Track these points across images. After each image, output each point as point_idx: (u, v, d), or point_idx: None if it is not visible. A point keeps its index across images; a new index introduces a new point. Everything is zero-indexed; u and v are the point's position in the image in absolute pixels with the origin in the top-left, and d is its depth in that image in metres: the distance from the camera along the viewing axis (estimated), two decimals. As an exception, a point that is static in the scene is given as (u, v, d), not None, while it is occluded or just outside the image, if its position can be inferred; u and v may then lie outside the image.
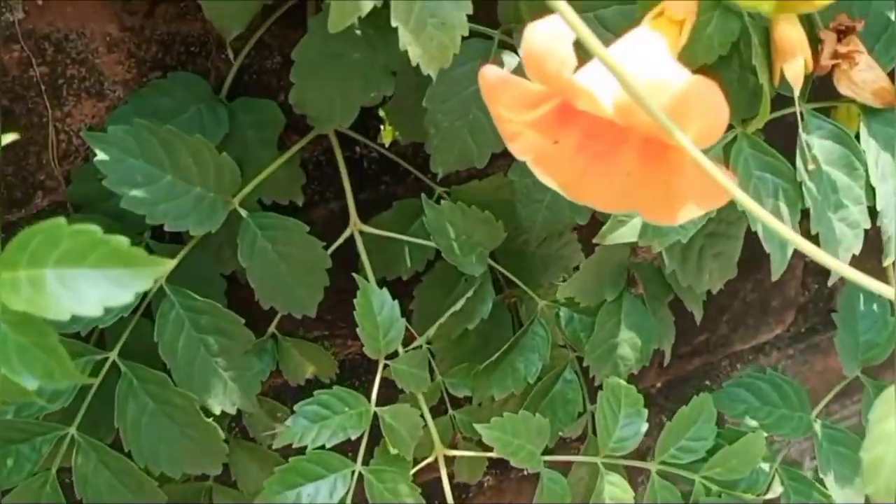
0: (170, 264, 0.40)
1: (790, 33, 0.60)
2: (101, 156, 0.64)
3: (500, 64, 0.70)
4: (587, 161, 0.52)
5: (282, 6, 0.76)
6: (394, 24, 0.57)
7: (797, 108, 0.62)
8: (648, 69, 0.45)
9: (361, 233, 0.80)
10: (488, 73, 0.51)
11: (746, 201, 0.44)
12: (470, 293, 0.77)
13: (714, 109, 0.45)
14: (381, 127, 0.82)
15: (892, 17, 0.67)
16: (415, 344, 0.79)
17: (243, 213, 0.71)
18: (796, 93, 0.60)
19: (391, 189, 0.92)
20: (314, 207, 0.89)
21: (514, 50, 0.70)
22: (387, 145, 0.83)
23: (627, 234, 0.63)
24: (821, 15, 0.64)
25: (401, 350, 0.77)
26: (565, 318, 0.81)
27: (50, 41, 0.71)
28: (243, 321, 0.71)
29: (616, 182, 0.52)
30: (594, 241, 0.66)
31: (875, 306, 0.82)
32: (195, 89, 0.74)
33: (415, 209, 0.83)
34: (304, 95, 0.71)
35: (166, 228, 0.67)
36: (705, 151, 0.42)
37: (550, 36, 0.46)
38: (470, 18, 0.72)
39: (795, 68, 0.59)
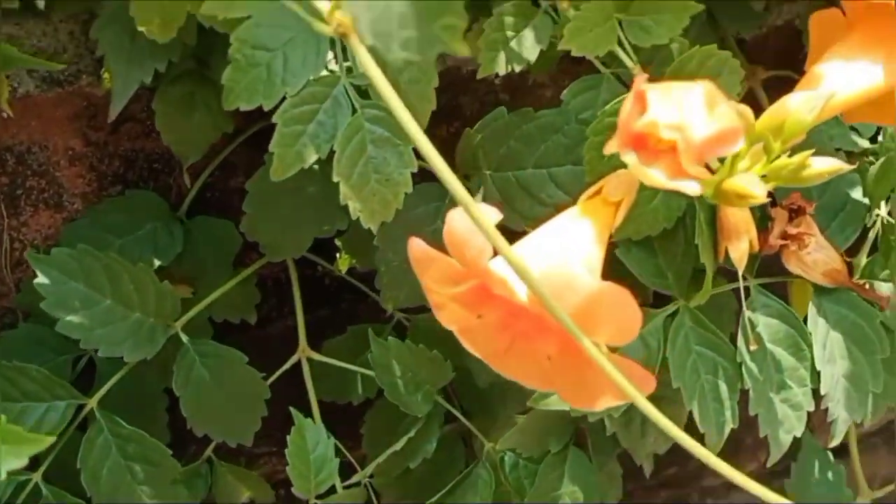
0: (47, 440, 0.39)
1: (735, 213, 0.59)
2: (41, 278, 0.64)
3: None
4: (510, 339, 0.52)
5: (249, 129, 0.76)
6: (335, 179, 0.57)
7: (741, 286, 0.61)
8: (562, 267, 0.44)
9: (310, 359, 0.79)
10: (415, 246, 0.51)
11: (647, 408, 0.43)
12: (412, 433, 0.76)
13: (624, 316, 0.44)
14: (338, 254, 0.82)
15: (850, 195, 0.67)
16: (352, 480, 0.78)
17: (184, 338, 0.71)
18: (740, 273, 0.59)
19: (352, 307, 0.91)
20: (272, 324, 0.88)
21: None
22: (343, 272, 0.83)
23: (556, 402, 0.61)
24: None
25: (339, 486, 0.76)
26: (510, 463, 0.79)
27: (12, 153, 0.71)
28: (170, 452, 0.69)
29: (537, 363, 0.51)
30: (528, 403, 0.65)
31: (830, 475, 0.80)
32: (152, 207, 0.74)
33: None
34: (255, 225, 0.71)
35: (100, 354, 0.66)
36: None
37: (469, 223, 0.46)
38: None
39: (740, 248, 0.59)
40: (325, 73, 0.57)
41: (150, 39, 0.61)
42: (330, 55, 0.58)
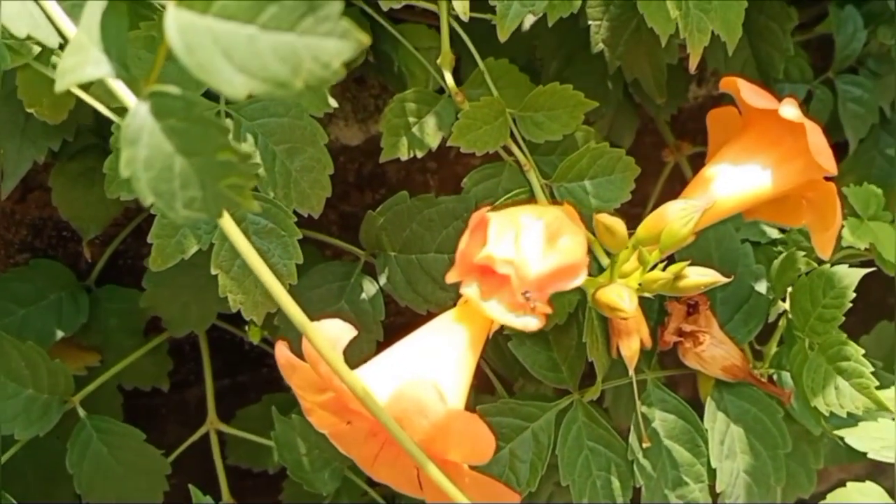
0: None
1: (625, 313, 0.58)
2: (-72, 353, 0.63)
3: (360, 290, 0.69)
4: (379, 446, 0.51)
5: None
6: (214, 272, 0.56)
7: (633, 381, 0.60)
8: (414, 391, 0.43)
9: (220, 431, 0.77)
10: (279, 353, 0.50)
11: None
12: (319, 510, 0.74)
13: (475, 441, 0.43)
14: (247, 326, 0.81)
15: (755, 289, 0.66)
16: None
17: (81, 412, 0.69)
18: (630, 371, 0.58)
19: (274, 373, 0.90)
20: (188, 388, 0.87)
21: (374, 275, 0.69)
22: (256, 342, 0.82)
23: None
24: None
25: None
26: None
27: (-87, 220, 0.70)
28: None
29: (405, 471, 0.51)
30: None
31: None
32: (57, 277, 0.74)
33: (285, 404, 0.81)
34: (156, 301, 0.70)
35: (-12, 433, 0.65)
36: None
37: (327, 335, 0.45)
38: (350, 234, 0.72)
39: (630, 347, 0.58)
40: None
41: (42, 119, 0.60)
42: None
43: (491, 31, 0.60)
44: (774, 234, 0.69)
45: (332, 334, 0.44)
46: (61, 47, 0.39)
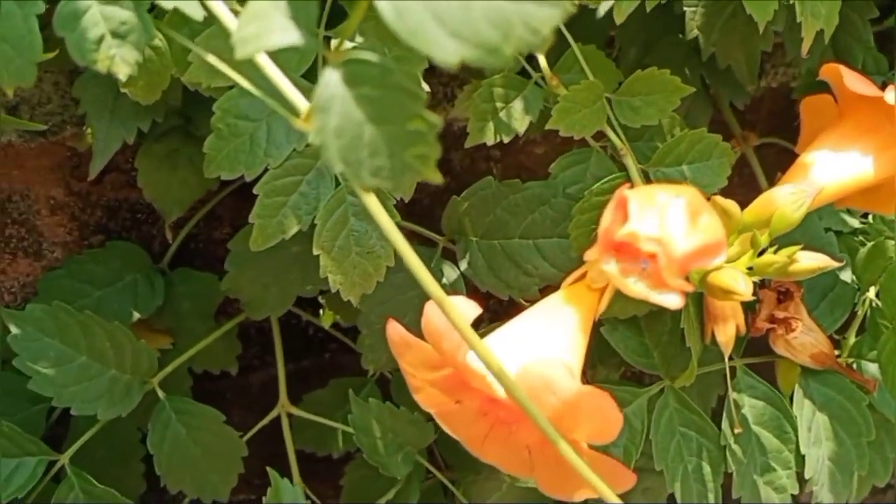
0: None
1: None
2: (14, 331, 0.63)
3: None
4: (489, 425, 0.51)
5: (235, 181, 0.75)
6: (315, 252, 0.56)
7: (727, 367, 0.60)
8: (542, 367, 0.43)
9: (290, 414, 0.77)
10: (392, 330, 0.50)
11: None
12: (391, 495, 0.74)
13: (604, 420, 0.43)
14: (321, 309, 0.81)
15: (840, 278, 0.66)
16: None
17: (161, 394, 0.69)
18: (726, 357, 0.58)
19: (336, 358, 0.90)
20: (254, 372, 0.87)
21: (454, 260, 0.69)
22: (327, 328, 0.82)
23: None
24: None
25: (316, 544, 0.75)
26: (489, 526, 0.78)
27: (-7, 201, 0.70)
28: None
29: (516, 452, 0.51)
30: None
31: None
32: (132, 259, 0.74)
33: (354, 388, 0.81)
34: (237, 284, 0.70)
35: (73, 412, 0.65)
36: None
37: (444, 320, 0.45)
38: (415, 221, 0.72)
39: (727, 333, 0.58)
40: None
41: (133, 99, 0.60)
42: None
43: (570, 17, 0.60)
44: (855, 223, 0.69)
45: (462, 310, 0.44)
46: (205, 21, 0.39)
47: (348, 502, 0.84)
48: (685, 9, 0.62)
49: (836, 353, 0.67)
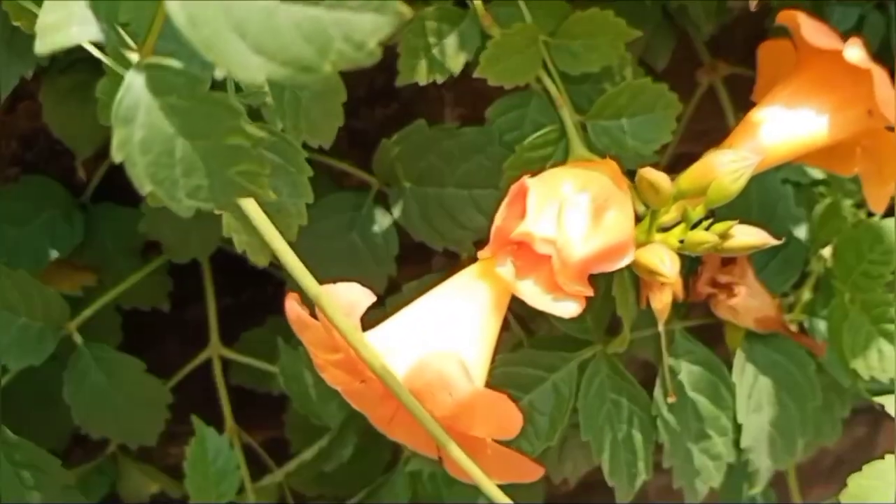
0: None
1: (659, 263, 0.54)
2: (-87, 283, 0.60)
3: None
4: (394, 408, 0.48)
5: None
6: (217, 210, 0.52)
7: (661, 331, 0.56)
8: (438, 364, 0.39)
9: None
10: (290, 308, 0.46)
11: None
12: (325, 441, 0.72)
13: (501, 419, 0.40)
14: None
15: (794, 234, 0.62)
16: (264, 482, 0.75)
17: (79, 340, 0.66)
18: (660, 325, 0.55)
19: (279, 291, 0.87)
20: (188, 307, 0.84)
21: (387, 207, 0.65)
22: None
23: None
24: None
25: (249, 485, 0.73)
26: (428, 471, 0.76)
27: None
28: (59, 461, 0.66)
29: (422, 434, 0.47)
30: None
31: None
32: (50, 194, 0.69)
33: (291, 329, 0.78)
34: (156, 227, 0.66)
35: (-20, 364, 0.62)
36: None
37: (342, 301, 0.41)
38: (359, 155, 0.67)
39: (662, 300, 0.54)
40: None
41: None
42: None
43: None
44: (818, 174, 0.64)
45: (349, 300, 0.40)
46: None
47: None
48: (635, -60, 0.56)
49: (790, 309, 0.64)
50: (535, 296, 0.38)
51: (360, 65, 0.23)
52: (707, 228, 0.47)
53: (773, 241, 0.47)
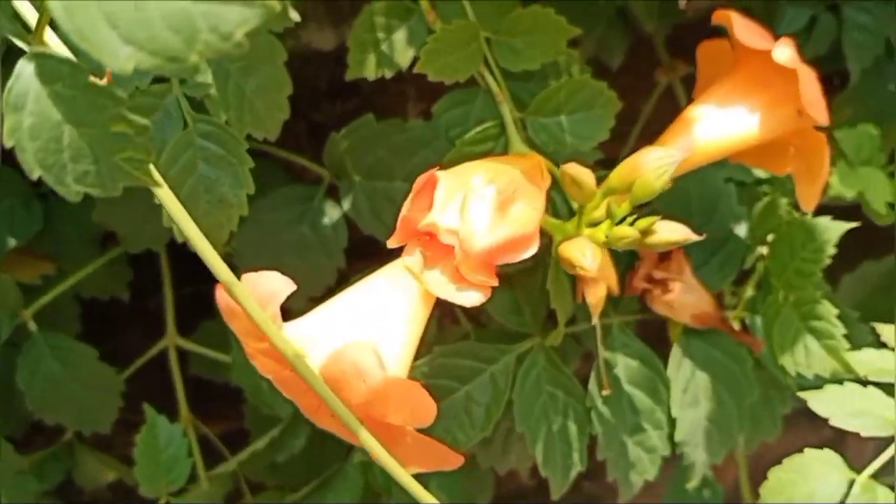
0: None
1: (594, 258, 0.55)
2: None
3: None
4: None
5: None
6: (157, 201, 0.53)
7: (596, 325, 0.57)
8: (354, 354, 0.40)
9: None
10: (220, 298, 0.47)
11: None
12: (276, 432, 0.73)
13: (414, 407, 0.41)
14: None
15: (734, 232, 0.63)
16: (217, 470, 0.76)
17: (33, 328, 0.67)
18: (594, 319, 0.56)
19: (241, 282, 0.88)
20: (150, 295, 0.85)
21: (338, 200, 0.66)
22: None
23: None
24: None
25: (203, 474, 0.74)
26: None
27: None
28: (12, 447, 0.67)
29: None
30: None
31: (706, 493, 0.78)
32: (8, 183, 0.70)
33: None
34: (109, 217, 0.67)
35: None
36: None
37: (260, 295, 0.42)
38: (317, 148, 0.68)
39: (596, 294, 0.55)
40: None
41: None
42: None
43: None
44: (761, 173, 0.65)
45: (268, 290, 0.41)
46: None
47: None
48: (577, -61, 0.57)
49: (734, 305, 0.65)
50: (439, 285, 0.39)
51: (226, 54, 0.24)
52: (632, 224, 0.48)
53: (694, 237, 0.48)
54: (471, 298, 0.39)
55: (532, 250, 0.40)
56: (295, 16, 0.56)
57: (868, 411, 0.52)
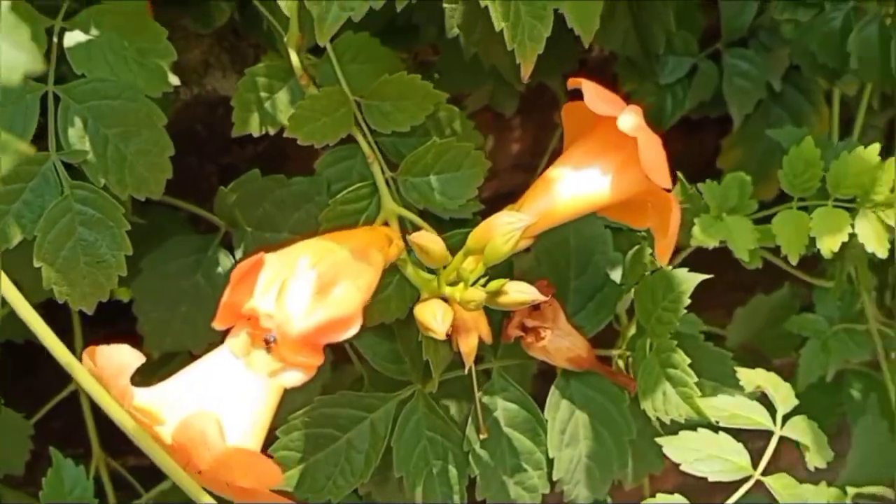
0: None
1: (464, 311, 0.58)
2: None
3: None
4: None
5: None
6: (37, 264, 0.55)
7: (473, 374, 0.60)
8: (200, 423, 0.43)
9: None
10: (85, 363, 0.49)
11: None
12: (183, 469, 0.75)
13: (256, 474, 0.43)
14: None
15: (610, 277, 0.66)
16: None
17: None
18: (466, 368, 0.58)
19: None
20: (65, 336, 0.86)
21: (231, 250, 0.68)
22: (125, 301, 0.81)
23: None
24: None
25: (114, 510, 0.76)
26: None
27: None
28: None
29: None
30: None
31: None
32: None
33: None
34: (11, 266, 0.68)
35: None
36: None
37: (111, 366, 0.44)
38: (216, 191, 0.70)
39: (468, 343, 0.58)
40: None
41: None
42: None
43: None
44: (638, 220, 0.68)
45: (119, 362, 0.43)
46: None
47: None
48: (444, 5, 0.59)
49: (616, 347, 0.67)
50: (262, 366, 0.41)
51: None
52: (484, 286, 0.51)
53: (542, 298, 0.50)
54: (292, 378, 0.41)
55: (354, 329, 0.43)
56: (175, 80, 0.59)
57: (716, 456, 0.54)
